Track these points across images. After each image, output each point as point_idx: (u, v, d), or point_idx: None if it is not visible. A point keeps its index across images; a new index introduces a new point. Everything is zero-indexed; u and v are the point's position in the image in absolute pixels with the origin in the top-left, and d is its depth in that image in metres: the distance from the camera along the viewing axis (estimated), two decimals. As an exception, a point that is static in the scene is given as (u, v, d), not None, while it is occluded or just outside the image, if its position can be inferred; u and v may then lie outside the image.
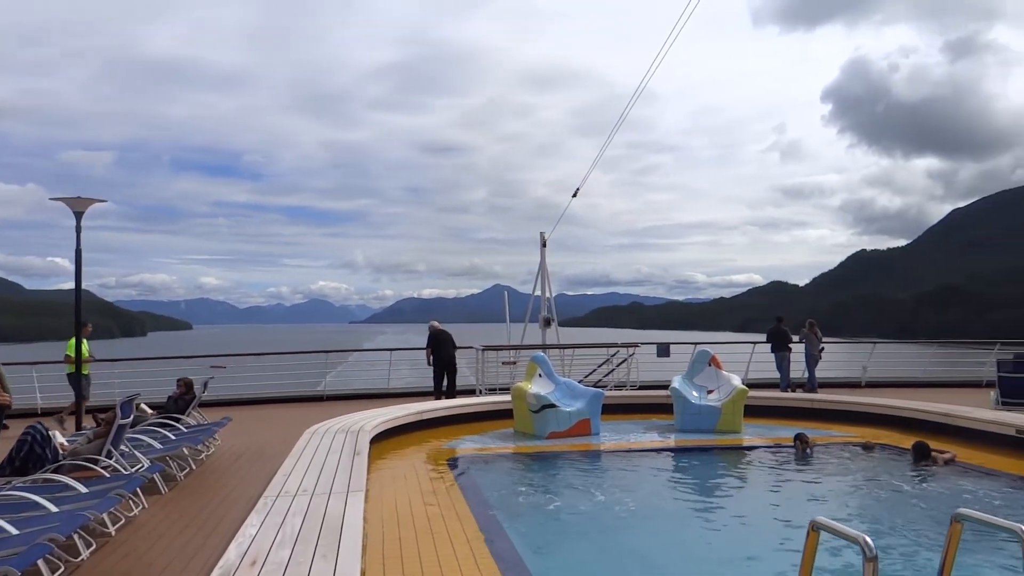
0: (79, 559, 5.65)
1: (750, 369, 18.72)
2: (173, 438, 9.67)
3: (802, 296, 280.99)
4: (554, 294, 20.69)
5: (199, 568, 5.53)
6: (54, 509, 5.89)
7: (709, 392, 12.57)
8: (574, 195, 20.34)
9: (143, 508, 7.21)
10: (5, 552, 4.81)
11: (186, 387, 11.76)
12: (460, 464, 9.65)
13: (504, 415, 12.45)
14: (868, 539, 3.03)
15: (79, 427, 11.61)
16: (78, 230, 11.52)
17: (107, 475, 7.36)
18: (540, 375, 12.40)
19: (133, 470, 7.77)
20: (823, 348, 17.92)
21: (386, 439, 10.71)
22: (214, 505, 7.53)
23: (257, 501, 6.24)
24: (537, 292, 20.72)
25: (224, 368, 16.60)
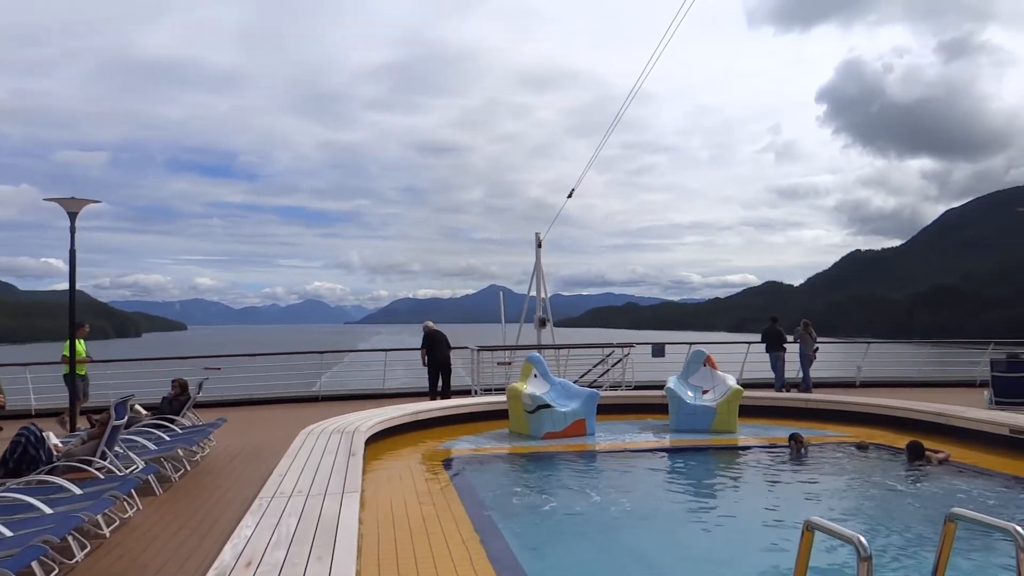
0: (73, 561, 5.63)
1: (745, 369, 18.76)
2: (168, 439, 9.65)
3: (797, 296, 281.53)
4: (549, 294, 20.72)
5: (194, 569, 5.52)
6: (48, 511, 5.87)
7: (704, 392, 12.59)
8: (569, 195, 20.37)
9: (138, 509, 7.19)
10: (-1, 554, 4.80)
11: (181, 388, 11.75)
12: (455, 465, 9.65)
13: (499, 415, 12.45)
14: (862, 539, 3.03)
15: (73, 428, 11.58)
16: (72, 231, 11.49)
17: (101, 476, 7.34)
18: (535, 375, 12.42)
19: (127, 471, 7.75)
20: (818, 348, 17.95)
21: (381, 440, 10.71)
22: (209, 506, 7.52)
23: (252, 502, 6.23)
24: (532, 292, 20.72)
25: (219, 370, 16.57)
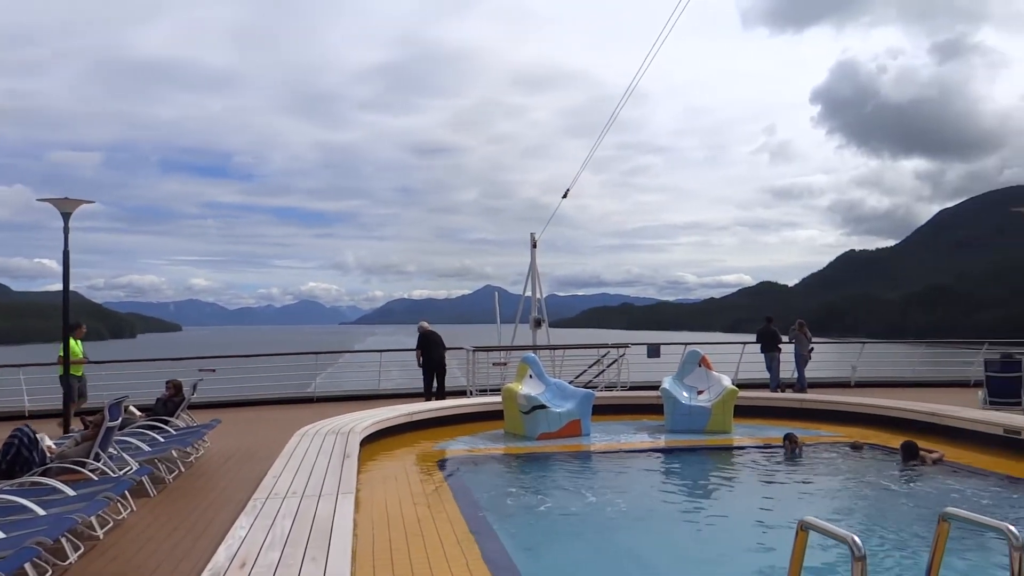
0: (67, 562, 5.62)
1: (740, 369, 18.79)
2: (162, 440, 9.62)
3: (791, 296, 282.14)
4: (544, 295, 20.71)
5: (188, 571, 5.51)
6: (41, 512, 5.85)
7: (699, 392, 12.60)
8: (564, 196, 20.39)
9: (131, 511, 7.17)
10: (-8, 556, 4.78)
11: (175, 389, 11.72)
12: (450, 465, 9.65)
13: (495, 416, 12.44)
14: (856, 538, 3.04)
15: (66, 430, 11.54)
16: (66, 231, 11.46)
17: (95, 478, 7.33)
18: (531, 376, 12.41)
19: (121, 473, 7.73)
20: (812, 348, 18.01)
21: (376, 440, 10.69)
22: (203, 507, 7.50)
23: (247, 503, 6.21)
24: (527, 293, 20.73)
25: (214, 371, 16.54)
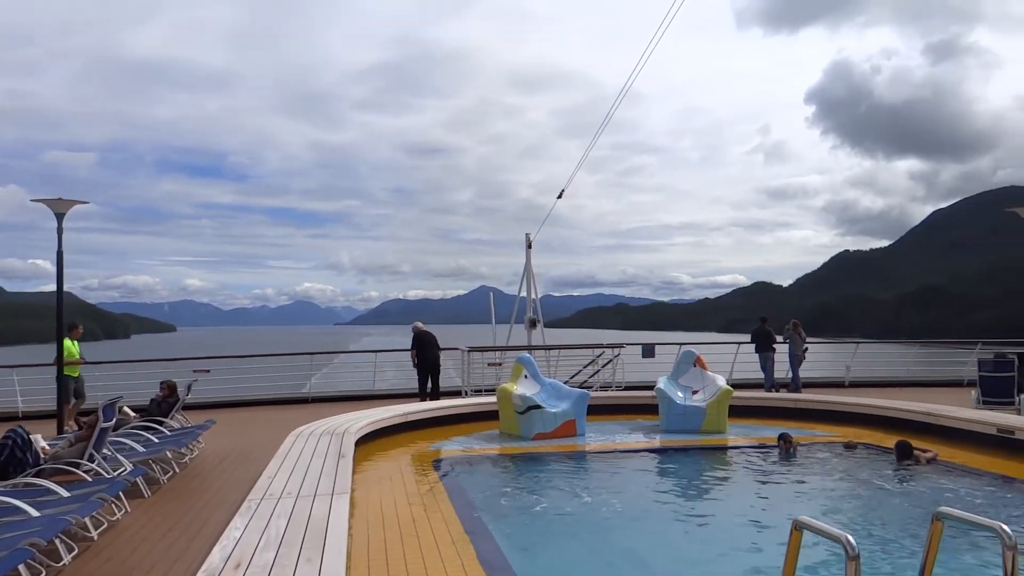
0: (61, 564, 5.60)
1: (735, 369, 18.83)
2: (156, 441, 9.61)
3: (786, 297, 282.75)
4: (539, 295, 20.76)
5: (182, 572, 5.50)
6: (35, 513, 5.83)
7: (694, 393, 12.62)
8: (559, 196, 20.43)
9: (126, 512, 7.16)
10: (-15, 557, 4.76)
11: (169, 390, 11.70)
12: (445, 466, 9.64)
13: (490, 416, 12.44)
14: (851, 538, 3.05)
15: (60, 430, 11.51)
16: (60, 232, 11.43)
17: (89, 479, 7.30)
18: (526, 376, 12.41)
19: (115, 474, 7.71)
20: (807, 348, 18.05)
21: (371, 441, 10.68)
22: (198, 508, 7.49)
23: (241, 504, 6.20)
24: (523, 293, 20.74)
25: (208, 372, 16.51)
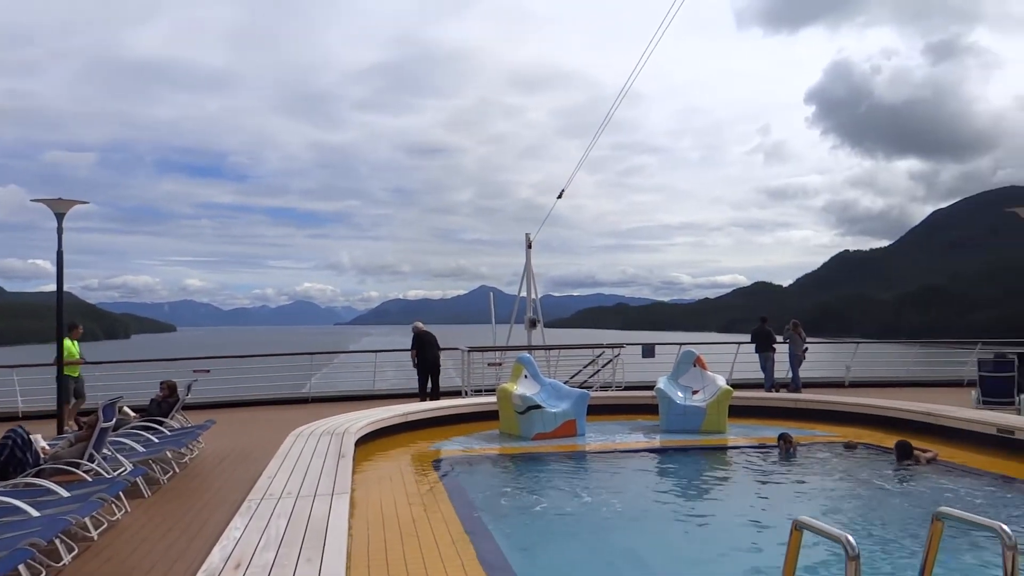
0: (61, 564, 5.60)
1: (735, 369, 18.83)
2: (156, 441, 9.61)
3: (786, 296, 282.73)
4: (539, 295, 20.75)
5: (183, 572, 5.50)
6: (35, 513, 5.83)
7: (694, 393, 12.62)
8: (559, 196, 20.43)
9: (126, 512, 7.16)
10: (-15, 557, 4.76)
11: (169, 390, 11.70)
12: (445, 466, 9.64)
13: (490, 416, 12.44)
14: (851, 538, 3.05)
15: (60, 430, 11.50)
16: (59, 232, 11.43)
17: (89, 479, 7.30)
18: (526, 376, 12.41)
19: (115, 474, 7.71)
20: (807, 348, 18.05)
21: (371, 441, 10.68)
22: (198, 508, 7.49)
23: (241, 504, 6.20)
24: (523, 293, 20.74)
25: (208, 372, 16.51)
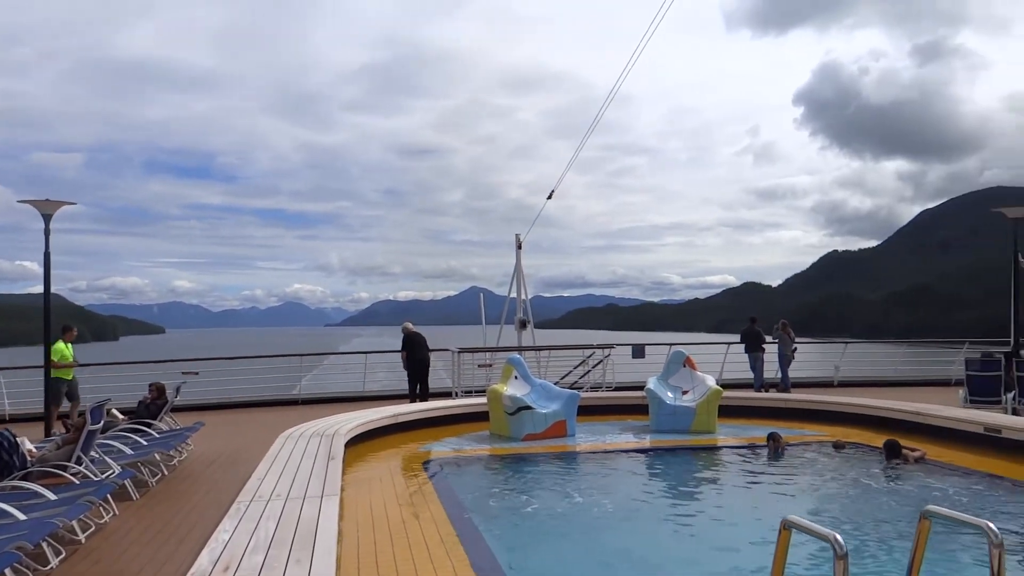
0: (48, 567, 5.57)
1: (724, 369, 18.90)
2: (145, 443, 9.56)
3: (775, 297, 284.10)
4: (530, 296, 20.73)
5: (171, 575, 5.48)
6: (22, 517, 5.79)
7: (684, 393, 12.65)
8: (549, 197, 20.42)
9: (114, 515, 7.12)
10: (-29, 561, 4.73)
11: (158, 392, 11.64)
12: (435, 467, 9.62)
13: (480, 417, 12.43)
14: (839, 537, 3.07)
15: (48, 433, 11.43)
16: (47, 233, 11.36)
17: (76, 481, 7.26)
18: (516, 377, 12.41)
19: (103, 476, 7.67)
20: (796, 348, 18.14)
21: (361, 442, 10.66)
22: (186, 511, 7.46)
23: (230, 506, 6.18)
24: (513, 294, 20.73)
25: (197, 374, 16.45)
